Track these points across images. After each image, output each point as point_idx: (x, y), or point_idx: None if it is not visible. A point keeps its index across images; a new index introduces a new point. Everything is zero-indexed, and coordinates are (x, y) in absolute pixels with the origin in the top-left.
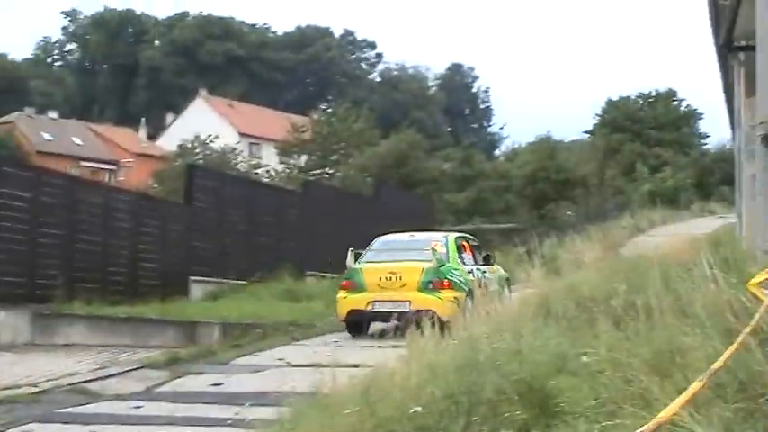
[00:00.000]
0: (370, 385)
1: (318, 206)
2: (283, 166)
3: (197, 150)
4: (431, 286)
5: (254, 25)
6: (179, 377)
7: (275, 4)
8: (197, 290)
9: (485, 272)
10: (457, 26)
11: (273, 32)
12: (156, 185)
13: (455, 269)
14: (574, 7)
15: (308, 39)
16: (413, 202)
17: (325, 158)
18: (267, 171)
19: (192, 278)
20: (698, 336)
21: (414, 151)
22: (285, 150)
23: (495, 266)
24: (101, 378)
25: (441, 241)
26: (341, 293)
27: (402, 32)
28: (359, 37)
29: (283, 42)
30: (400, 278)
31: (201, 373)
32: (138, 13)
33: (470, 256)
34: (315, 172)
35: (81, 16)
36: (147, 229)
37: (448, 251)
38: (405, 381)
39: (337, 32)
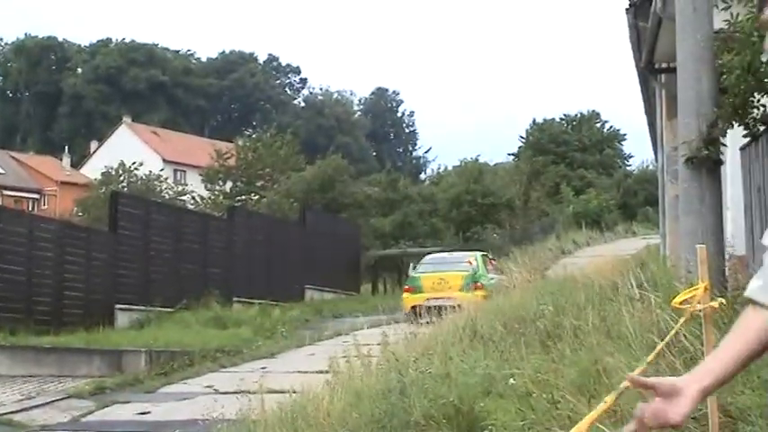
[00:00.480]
0: (297, 411)
1: (245, 232)
2: (209, 192)
3: (121, 178)
4: (469, 287)
5: (177, 51)
6: (106, 407)
7: (199, 30)
8: (123, 318)
9: (500, 280)
10: (381, 51)
11: (197, 58)
12: (80, 213)
13: (483, 276)
14: (500, 31)
15: (233, 64)
16: (339, 226)
17: (250, 184)
18: (193, 198)
19: (118, 306)
20: (624, 355)
21: (339, 176)
22: (210, 177)
23: (506, 276)
24: (26, 409)
25: (472, 257)
26: (405, 294)
27: (326, 57)
28: (283, 62)
29: (207, 68)
30: (447, 282)
31: (128, 402)
32: (61, 40)
33: (491, 268)
34: (240, 198)
35: (2, 43)
36: (72, 258)
37: (478, 264)
38: (331, 406)
39: (261, 58)
